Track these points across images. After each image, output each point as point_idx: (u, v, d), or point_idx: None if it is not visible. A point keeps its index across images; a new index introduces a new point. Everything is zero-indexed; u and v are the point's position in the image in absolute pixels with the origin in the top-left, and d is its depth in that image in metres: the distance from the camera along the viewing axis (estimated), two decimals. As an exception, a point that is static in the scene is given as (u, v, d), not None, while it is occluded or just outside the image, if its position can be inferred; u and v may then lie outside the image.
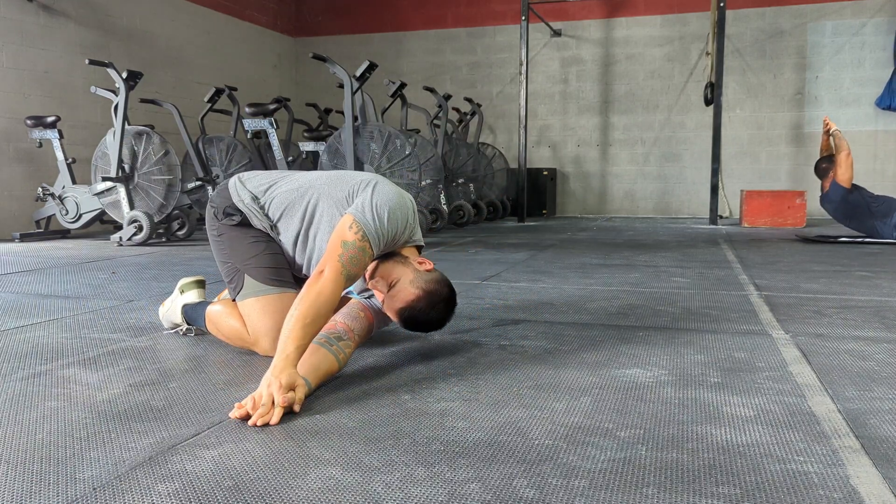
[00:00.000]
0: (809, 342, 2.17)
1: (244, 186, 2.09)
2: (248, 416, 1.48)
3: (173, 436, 1.40)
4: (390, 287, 1.88)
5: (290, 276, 2.08)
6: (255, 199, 2.06)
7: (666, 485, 1.17)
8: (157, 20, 7.71)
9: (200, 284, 2.34)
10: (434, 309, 1.87)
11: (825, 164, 5.46)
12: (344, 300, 2.08)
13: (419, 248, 2.06)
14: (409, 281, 1.87)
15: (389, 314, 1.91)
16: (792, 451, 1.31)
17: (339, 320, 1.88)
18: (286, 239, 2.06)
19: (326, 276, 1.73)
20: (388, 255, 1.94)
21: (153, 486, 1.18)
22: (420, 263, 1.92)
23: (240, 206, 2.06)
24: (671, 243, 5.34)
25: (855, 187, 5.34)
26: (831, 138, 5.43)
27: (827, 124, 5.49)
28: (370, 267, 1.94)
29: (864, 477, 1.20)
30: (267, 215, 2.05)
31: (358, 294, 2.05)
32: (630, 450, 1.32)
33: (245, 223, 2.07)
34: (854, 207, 5.32)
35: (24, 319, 2.59)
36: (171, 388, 1.74)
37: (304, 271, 2.09)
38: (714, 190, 7.30)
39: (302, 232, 2.03)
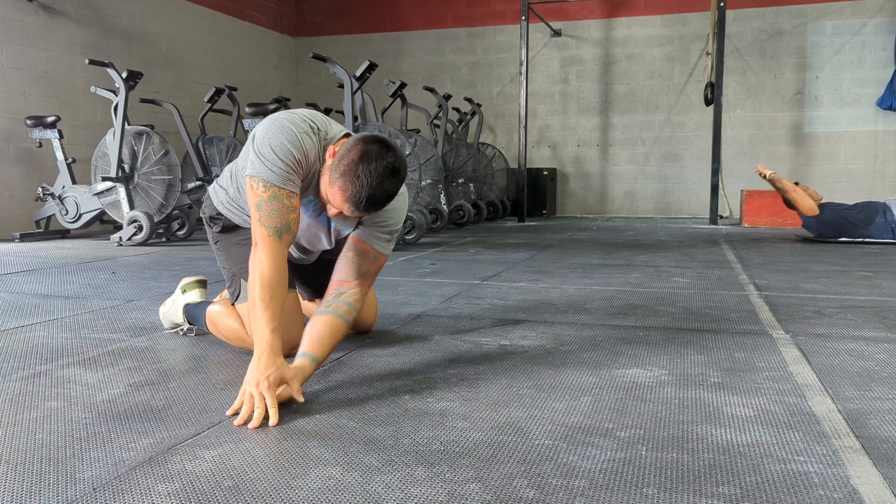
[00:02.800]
0: (809, 342, 2.17)
1: (219, 185, 2.07)
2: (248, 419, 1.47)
3: (173, 436, 1.40)
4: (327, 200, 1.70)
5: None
6: (226, 192, 2.03)
7: (666, 485, 1.17)
8: (157, 20, 7.70)
9: (202, 284, 2.34)
10: (369, 179, 1.60)
11: (788, 202, 5.56)
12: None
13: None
14: (326, 181, 1.66)
15: (348, 218, 1.76)
16: (792, 451, 1.31)
17: (333, 279, 1.82)
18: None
19: (259, 246, 1.65)
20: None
21: (153, 486, 1.18)
22: (330, 156, 1.69)
23: (220, 208, 2.05)
24: (671, 243, 5.34)
25: (823, 207, 5.39)
26: (773, 184, 5.53)
27: (761, 174, 5.56)
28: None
29: (864, 477, 1.20)
30: (240, 207, 2.00)
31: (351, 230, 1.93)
32: (630, 450, 1.32)
33: (231, 226, 2.06)
34: (834, 225, 5.35)
35: (24, 319, 2.59)
36: (171, 388, 1.74)
37: (298, 254, 2.07)
38: (714, 190, 7.29)
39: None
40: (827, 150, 8.38)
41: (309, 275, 2.20)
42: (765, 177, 5.55)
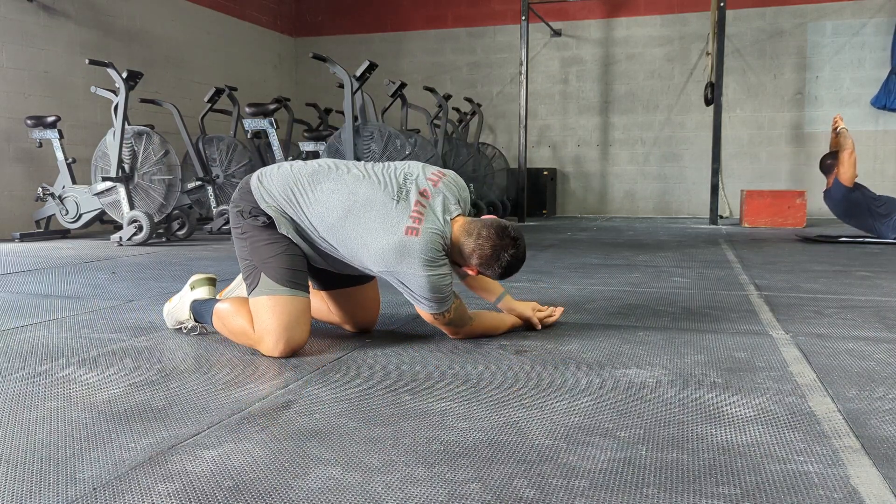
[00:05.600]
0: (809, 342, 2.17)
1: (264, 188, 2.08)
2: None
3: (173, 436, 1.40)
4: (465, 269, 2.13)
5: (306, 279, 2.08)
6: (281, 210, 2.06)
7: (666, 485, 1.17)
8: (157, 20, 7.71)
9: (211, 282, 2.34)
10: (511, 262, 2.06)
11: (830, 161, 5.47)
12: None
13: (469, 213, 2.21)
14: (479, 271, 2.09)
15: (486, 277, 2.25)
16: (792, 451, 1.31)
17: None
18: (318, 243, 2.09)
19: (444, 328, 2.17)
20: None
21: (153, 486, 1.18)
22: (469, 269, 2.10)
23: (269, 211, 2.05)
24: (671, 243, 5.34)
25: (857, 186, 5.35)
26: (839, 136, 5.43)
27: (835, 122, 5.49)
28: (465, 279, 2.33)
29: (864, 477, 1.20)
30: (296, 230, 2.07)
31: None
32: (630, 450, 1.32)
33: (271, 224, 2.07)
34: (855, 206, 5.33)
35: (24, 319, 2.59)
36: (171, 388, 1.74)
37: (328, 266, 2.16)
38: (714, 190, 7.29)
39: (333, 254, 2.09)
40: (827, 150, 8.37)
41: (324, 270, 2.23)
42: (836, 128, 5.45)
